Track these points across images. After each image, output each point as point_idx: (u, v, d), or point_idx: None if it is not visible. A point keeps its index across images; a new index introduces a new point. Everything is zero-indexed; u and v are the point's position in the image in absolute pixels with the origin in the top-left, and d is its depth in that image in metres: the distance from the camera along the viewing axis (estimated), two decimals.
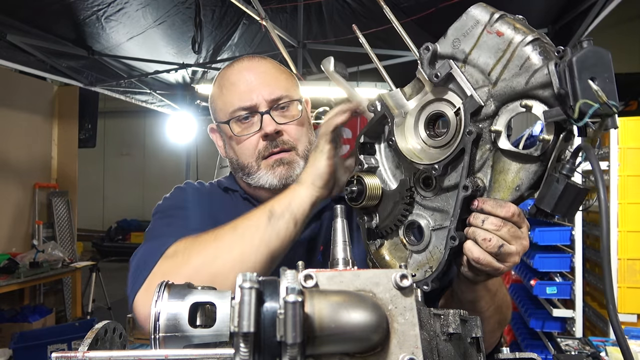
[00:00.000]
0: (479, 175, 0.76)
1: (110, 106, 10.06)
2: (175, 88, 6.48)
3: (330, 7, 4.49)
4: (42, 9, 3.98)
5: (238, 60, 1.21)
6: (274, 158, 1.15)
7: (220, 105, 1.19)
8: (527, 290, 3.84)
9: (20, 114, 6.03)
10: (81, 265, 5.79)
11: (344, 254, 0.63)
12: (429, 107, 0.82)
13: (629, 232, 3.01)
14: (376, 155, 0.90)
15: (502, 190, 0.74)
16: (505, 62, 0.70)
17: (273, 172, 1.15)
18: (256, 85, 1.15)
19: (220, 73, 1.23)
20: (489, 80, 0.72)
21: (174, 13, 4.32)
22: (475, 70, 0.73)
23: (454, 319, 0.65)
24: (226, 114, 1.17)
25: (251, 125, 1.15)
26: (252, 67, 1.18)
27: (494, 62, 0.70)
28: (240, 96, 1.15)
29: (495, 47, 0.71)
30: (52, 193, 6.43)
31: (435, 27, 4.75)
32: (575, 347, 2.37)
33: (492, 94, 0.72)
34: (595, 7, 3.46)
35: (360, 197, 0.86)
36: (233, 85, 1.16)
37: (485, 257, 0.76)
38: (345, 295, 0.48)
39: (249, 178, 1.18)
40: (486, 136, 0.74)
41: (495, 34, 0.70)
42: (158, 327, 0.61)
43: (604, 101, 0.58)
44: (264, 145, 1.15)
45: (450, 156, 0.76)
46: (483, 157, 0.76)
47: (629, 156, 3.04)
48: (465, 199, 0.75)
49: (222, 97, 1.18)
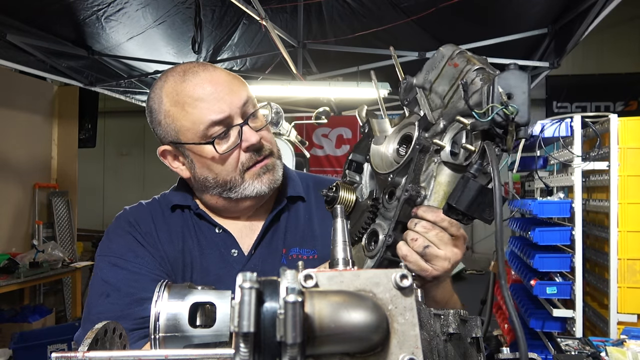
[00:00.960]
0: (423, 184, 0.84)
1: (110, 106, 10.06)
2: None
3: (330, 7, 4.49)
4: (42, 9, 3.98)
5: (190, 72, 1.10)
6: (260, 166, 1.13)
7: (187, 125, 1.08)
8: (527, 290, 3.84)
9: (20, 114, 6.02)
10: (81, 265, 5.79)
11: (344, 254, 0.63)
12: (404, 130, 0.92)
13: (629, 232, 3.01)
14: (362, 174, 0.98)
15: (438, 199, 0.83)
16: (455, 87, 0.81)
17: (260, 180, 1.12)
18: (224, 95, 1.07)
19: (169, 88, 1.10)
20: (443, 103, 0.83)
21: (174, 13, 4.32)
22: (436, 96, 0.85)
23: (454, 319, 0.65)
24: (197, 133, 1.07)
25: (229, 139, 1.09)
26: (212, 77, 1.09)
27: (448, 88, 0.82)
28: (211, 110, 1.06)
29: (451, 76, 0.82)
30: (52, 193, 6.43)
31: (435, 27, 4.75)
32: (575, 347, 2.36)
33: (442, 114, 0.83)
34: (595, 7, 3.46)
35: (332, 204, 0.94)
36: (198, 100, 1.06)
37: (411, 255, 0.82)
38: (345, 295, 0.48)
39: (230, 192, 1.13)
40: (435, 155, 0.84)
41: (453, 66, 0.82)
42: (158, 327, 0.61)
43: (505, 101, 0.68)
44: (247, 157, 1.11)
45: (401, 165, 0.85)
46: (429, 169, 0.84)
47: (629, 156, 3.04)
48: (406, 204, 0.83)
49: (187, 115, 1.07)
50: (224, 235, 1.19)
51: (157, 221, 1.19)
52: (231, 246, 1.18)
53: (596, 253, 3.32)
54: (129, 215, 1.21)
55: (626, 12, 8.03)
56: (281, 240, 1.21)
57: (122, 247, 1.15)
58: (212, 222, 1.19)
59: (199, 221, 1.20)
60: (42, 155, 6.43)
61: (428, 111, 0.85)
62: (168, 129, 1.11)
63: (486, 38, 4.48)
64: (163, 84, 1.12)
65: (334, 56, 5.19)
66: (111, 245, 1.16)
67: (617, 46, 8.77)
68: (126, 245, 1.15)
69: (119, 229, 1.19)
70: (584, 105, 8.90)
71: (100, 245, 1.19)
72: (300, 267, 0.51)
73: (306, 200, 1.28)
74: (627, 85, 8.55)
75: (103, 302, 1.09)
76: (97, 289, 1.12)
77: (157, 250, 1.15)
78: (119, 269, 1.12)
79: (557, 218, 3.78)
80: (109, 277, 1.11)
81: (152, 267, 1.12)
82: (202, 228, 1.20)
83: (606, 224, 3.09)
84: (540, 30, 4.38)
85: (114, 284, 1.10)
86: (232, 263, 1.17)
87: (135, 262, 1.12)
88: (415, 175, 0.83)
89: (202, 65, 1.12)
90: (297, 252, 1.21)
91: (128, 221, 1.19)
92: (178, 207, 1.22)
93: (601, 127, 3.17)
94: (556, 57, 4.47)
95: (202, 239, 1.19)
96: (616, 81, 8.65)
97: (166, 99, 1.10)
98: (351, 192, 0.94)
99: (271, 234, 1.22)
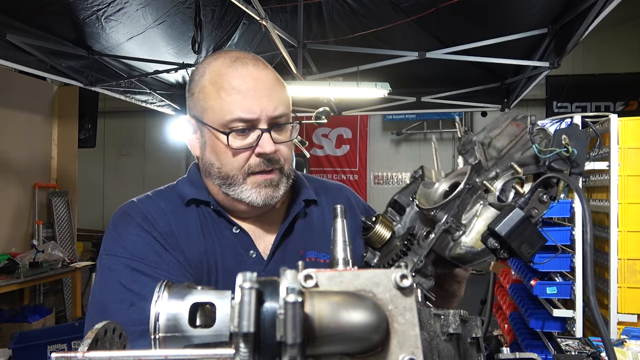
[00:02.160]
0: (464, 222, 0.85)
1: (110, 106, 10.07)
2: (175, 88, 6.48)
3: (330, 7, 4.48)
4: (42, 9, 3.97)
5: (240, 61, 1.08)
6: (264, 177, 1.09)
7: (215, 108, 1.07)
8: (527, 290, 3.84)
9: (20, 114, 6.02)
10: (81, 265, 5.79)
11: (344, 254, 0.63)
12: (456, 178, 0.94)
13: (629, 232, 3.01)
14: (403, 216, 1.00)
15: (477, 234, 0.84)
16: (514, 142, 0.88)
17: (259, 191, 1.09)
18: (261, 97, 1.05)
19: (216, 67, 1.09)
20: (499, 155, 0.89)
21: (174, 13, 4.32)
22: (493, 150, 0.90)
23: (454, 319, 0.65)
24: (220, 119, 1.05)
25: (246, 138, 1.07)
26: (259, 75, 1.07)
27: (507, 142, 0.89)
28: (242, 106, 1.04)
29: (512, 134, 0.89)
30: (52, 193, 6.43)
31: (435, 27, 4.75)
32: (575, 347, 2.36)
33: (497, 162, 0.88)
34: (595, 7, 3.45)
35: (367, 233, 0.96)
36: (235, 90, 1.05)
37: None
38: (345, 296, 0.48)
39: (229, 188, 1.10)
40: (483, 196, 0.86)
41: (515, 125, 0.89)
42: (158, 327, 0.61)
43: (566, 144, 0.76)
44: (256, 162, 1.07)
45: (448, 200, 0.85)
46: (474, 209, 0.85)
47: (629, 156, 3.04)
48: (444, 233, 0.84)
49: (219, 100, 1.06)
50: (242, 235, 1.15)
51: (174, 218, 1.12)
52: (249, 247, 1.14)
53: (596, 253, 3.32)
54: (142, 208, 1.12)
55: (626, 12, 8.04)
56: (298, 243, 1.19)
57: (140, 248, 1.06)
58: (230, 221, 1.15)
59: (217, 219, 1.15)
60: (42, 155, 6.43)
61: (483, 159, 0.88)
62: (197, 103, 1.10)
63: (486, 38, 4.48)
64: (212, 61, 1.11)
65: (334, 56, 5.19)
66: (125, 245, 1.06)
67: (617, 46, 8.77)
68: (145, 246, 1.06)
69: (132, 225, 1.09)
70: (584, 105, 8.90)
71: (109, 241, 1.09)
72: (300, 267, 0.51)
73: (318, 204, 1.28)
74: (627, 85, 8.55)
75: (127, 311, 1.00)
76: (116, 295, 1.02)
77: (181, 252, 1.08)
78: (141, 274, 1.03)
79: (557, 218, 3.78)
80: (130, 283, 1.03)
81: (176, 273, 1.05)
82: (219, 226, 1.14)
83: (606, 224, 3.09)
84: (540, 30, 4.37)
85: (138, 292, 1.01)
86: (251, 265, 1.13)
87: (158, 268, 1.04)
88: (458, 211, 0.84)
89: (254, 59, 1.11)
90: (315, 255, 1.20)
91: (143, 216, 1.10)
92: (193, 202, 1.15)
93: (601, 127, 3.17)
94: (556, 57, 4.46)
95: (221, 238, 1.14)
96: (616, 81, 8.65)
97: (208, 75, 1.09)
98: (387, 228, 0.95)
99: (288, 236, 1.19)
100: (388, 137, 10.44)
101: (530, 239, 0.76)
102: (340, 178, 10.30)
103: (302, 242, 1.20)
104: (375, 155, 10.50)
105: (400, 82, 5.72)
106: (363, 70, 4.91)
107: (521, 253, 0.75)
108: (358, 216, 1.31)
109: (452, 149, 10.11)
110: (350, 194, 1.40)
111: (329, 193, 1.34)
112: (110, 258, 1.06)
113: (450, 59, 4.73)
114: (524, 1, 4.07)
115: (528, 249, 0.75)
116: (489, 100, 6.38)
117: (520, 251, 0.75)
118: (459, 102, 6.41)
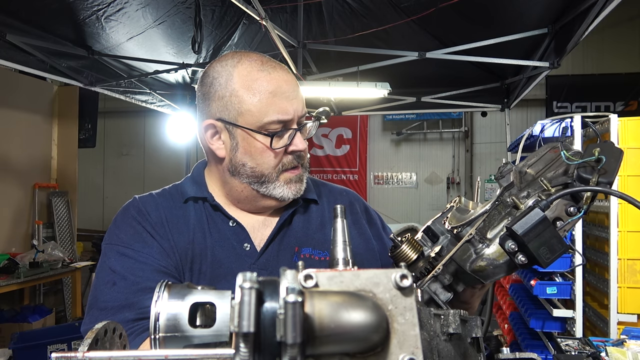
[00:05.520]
0: (490, 237, 0.84)
1: (110, 106, 10.06)
2: (175, 88, 6.48)
3: (330, 7, 4.49)
4: (42, 9, 3.97)
5: (269, 65, 1.16)
6: (295, 173, 1.19)
7: (253, 111, 1.12)
8: (527, 290, 3.84)
9: (20, 114, 6.03)
10: (81, 265, 5.79)
11: (344, 254, 0.63)
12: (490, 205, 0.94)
13: (629, 232, 3.01)
14: (435, 243, 0.98)
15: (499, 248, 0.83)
16: (549, 166, 0.88)
17: (289, 187, 1.18)
18: (293, 99, 1.15)
19: (244, 72, 1.14)
20: (533, 178, 0.88)
21: (174, 13, 4.32)
22: (529, 175, 0.89)
23: (454, 319, 0.65)
24: (258, 122, 1.12)
25: (280, 139, 1.15)
26: (287, 78, 1.17)
27: (542, 167, 0.89)
28: (280, 109, 1.13)
29: (549, 159, 0.89)
30: (52, 193, 6.43)
31: (435, 27, 4.75)
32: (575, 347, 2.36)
33: (530, 184, 0.87)
34: (595, 7, 3.45)
35: (393, 250, 0.95)
36: (271, 94, 1.13)
37: None
38: (345, 296, 0.48)
39: (261, 186, 1.18)
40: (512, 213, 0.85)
41: (553, 152, 0.90)
42: (158, 327, 0.61)
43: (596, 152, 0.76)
44: (289, 159, 1.17)
45: (476, 216, 0.85)
46: (502, 225, 0.84)
47: (629, 156, 3.04)
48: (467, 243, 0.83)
49: (257, 103, 1.12)
50: (237, 228, 1.20)
51: (168, 211, 1.20)
52: (244, 240, 1.20)
53: (596, 253, 3.32)
54: (140, 204, 1.22)
55: (626, 12, 8.04)
56: (294, 239, 1.24)
57: (130, 237, 1.15)
58: (226, 215, 1.21)
59: (214, 213, 1.22)
60: (42, 155, 6.43)
61: (517, 181, 0.87)
62: (230, 107, 1.14)
63: (486, 38, 4.48)
64: (236, 64, 1.16)
65: (334, 56, 5.19)
66: (120, 234, 1.17)
67: (617, 46, 8.76)
68: (135, 235, 1.16)
69: (128, 218, 1.19)
70: (584, 105, 8.89)
71: (108, 233, 1.19)
72: (301, 267, 0.51)
73: (319, 204, 1.32)
74: (627, 85, 8.54)
75: (109, 290, 1.10)
76: (103, 277, 1.13)
77: (167, 240, 1.16)
78: (127, 258, 1.13)
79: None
80: (116, 265, 1.12)
81: (159, 257, 1.13)
82: (215, 220, 1.21)
83: (606, 224, 3.09)
84: (540, 30, 4.37)
85: (121, 273, 1.11)
86: (243, 257, 1.19)
87: (143, 252, 1.13)
88: (484, 226, 0.83)
89: (275, 62, 1.19)
90: (310, 252, 1.23)
91: (139, 210, 1.20)
92: (192, 199, 1.23)
93: (601, 127, 3.17)
94: (556, 57, 4.46)
95: (214, 231, 1.20)
96: (616, 81, 8.65)
97: (238, 78, 1.14)
98: (415, 250, 0.94)
99: (284, 231, 1.24)
100: (388, 137, 10.43)
101: (550, 243, 0.73)
102: (340, 178, 10.30)
103: (299, 238, 1.24)
104: (375, 155, 10.50)
105: (400, 82, 5.73)
106: (363, 70, 4.91)
107: (539, 256, 0.72)
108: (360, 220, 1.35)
109: (451, 149, 10.11)
110: (355, 199, 1.42)
111: (332, 196, 1.38)
112: (107, 247, 1.17)
113: (450, 59, 4.73)
114: (524, 1, 4.07)
115: (547, 253, 0.72)
116: (489, 100, 6.38)
117: (539, 254, 0.72)
118: (459, 102, 6.41)
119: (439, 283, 0.82)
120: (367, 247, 1.30)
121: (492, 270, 0.80)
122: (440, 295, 0.82)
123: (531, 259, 0.73)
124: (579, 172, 0.79)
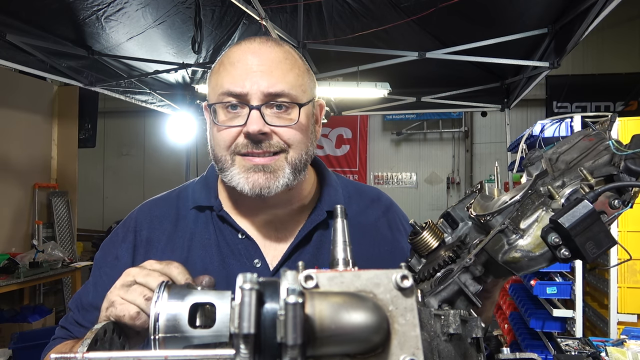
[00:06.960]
0: (523, 227, 0.79)
1: (110, 106, 10.06)
2: (175, 88, 6.48)
3: (330, 7, 4.48)
4: (42, 9, 3.97)
5: (250, 39, 1.02)
6: (253, 162, 0.99)
7: (213, 84, 1.03)
8: (527, 290, 3.84)
9: (20, 114, 6.02)
10: (81, 265, 5.79)
11: (344, 254, 0.63)
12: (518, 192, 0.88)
13: (629, 232, 3.01)
14: (455, 230, 0.94)
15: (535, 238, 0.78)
16: (585, 154, 0.84)
17: (246, 177, 0.99)
18: (255, 71, 0.97)
19: (228, 49, 1.05)
20: (567, 167, 0.84)
21: (174, 13, 4.31)
22: (562, 163, 0.86)
23: (454, 319, 0.65)
24: (215, 95, 1.00)
25: (237, 117, 0.99)
26: (261, 50, 1.00)
27: (577, 155, 0.85)
28: (233, 79, 0.97)
29: (583, 147, 0.85)
30: (52, 193, 6.43)
31: (435, 27, 4.75)
32: (575, 347, 2.36)
33: (565, 173, 0.83)
34: (595, 7, 3.45)
35: (413, 238, 0.90)
36: (231, 65, 0.99)
37: None
38: (346, 296, 0.48)
39: (223, 174, 1.03)
40: (547, 202, 0.80)
41: (587, 140, 0.86)
42: (158, 328, 0.61)
43: None
44: (244, 142, 0.98)
45: (507, 205, 0.80)
46: (536, 215, 0.79)
47: None
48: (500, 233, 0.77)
49: (217, 75, 1.01)
50: (247, 242, 1.08)
51: (159, 227, 1.11)
52: (254, 255, 1.07)
53: None
54: (136, 218, 1.14)
55: (626, 12, 8.04)
56: (312, 258, 1.08)
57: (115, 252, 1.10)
58: (235, 227, 1.08)
59: (222, 225, 1.09)
60: (42, 155, 6.43)
61: (550, 169, 0.83)
62: (207, 84, 1.08)
63: (486, 38, 4.48)
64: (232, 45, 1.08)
65: (334, 56, 5.19)
66: (109, 250, 1.12)
67: (617, 46, 8.76)
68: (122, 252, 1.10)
69: (120, 234, 1.13)
70: (584, 105, 8.89)
71: (106, 243, 1.16)
72: (301, 268, 0.51)
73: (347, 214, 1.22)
74: (627, 85, 8.54)
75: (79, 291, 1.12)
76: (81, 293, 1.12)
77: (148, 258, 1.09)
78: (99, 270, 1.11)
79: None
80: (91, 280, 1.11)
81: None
82: (224, 232, 1.08)
83: None
84: (540, 30, 4.37)
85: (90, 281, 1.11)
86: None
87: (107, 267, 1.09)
88: (517, 215, 0.78)
89: (264, 38, 1.04)
90: None
91: (132, 227, 1.12)
92: (196, 208, 1.11)
93: (601, 127, 3.17)
94: (556, 57, 4.46)
95: (223, 246, 1.08)
96: (616, 81, 8.65)
97: (220, 57, 1.06)
98: (435, 237, 0.89)
99: (302, 249, 1.09)
100: (388, 137, 10.43)
101: (597, 237, 0.68)
102: None
103: (318, 257, 1.09)
104: (375, 155, 10.50)
105: (400, 82, 5.73)
106: (363, 70, 4.91)
107: (585, 251, 0.67)
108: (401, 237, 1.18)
109: (451, 149, 10.11)
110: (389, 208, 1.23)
111: (362, 201, 1.21)
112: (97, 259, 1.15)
113: (450, 59, 4.73)
114: (524, 1, 4.07)
115: (594, 248, 0.68)
116: (489, 100, 6.38)
117: (585, 249, 0.67)
118: (459, 102, 6.41)
119: (470, 274, 0.77)
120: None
121: (526, 263, 0.75)
122: (470, 287, 0.76)
123: (575, 253, 0.69)
124: (627, 163, 0.74)
